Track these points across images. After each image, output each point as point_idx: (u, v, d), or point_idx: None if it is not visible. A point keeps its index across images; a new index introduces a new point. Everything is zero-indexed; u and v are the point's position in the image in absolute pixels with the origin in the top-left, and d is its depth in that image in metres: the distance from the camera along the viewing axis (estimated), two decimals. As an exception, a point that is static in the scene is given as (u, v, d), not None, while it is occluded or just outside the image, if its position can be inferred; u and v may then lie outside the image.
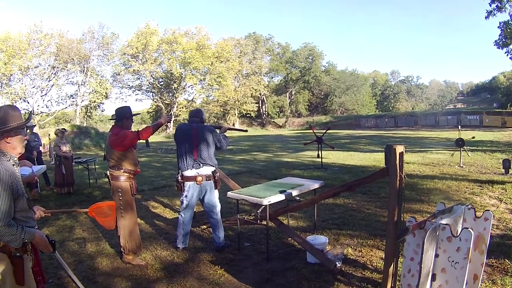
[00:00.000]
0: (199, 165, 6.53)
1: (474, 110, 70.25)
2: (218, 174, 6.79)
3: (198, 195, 6.65)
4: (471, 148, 20.94)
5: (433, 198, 10.14)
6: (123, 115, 6.22)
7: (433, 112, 76.61)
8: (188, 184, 6.55)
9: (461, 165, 15.79)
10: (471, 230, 3.32)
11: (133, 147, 6.25)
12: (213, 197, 6.71)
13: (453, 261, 3.46)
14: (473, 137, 19.75)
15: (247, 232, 7.74)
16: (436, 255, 3.58)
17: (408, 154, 20.59)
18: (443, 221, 3.65)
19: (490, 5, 35.97)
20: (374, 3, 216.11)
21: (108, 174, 6.19)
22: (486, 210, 4.03)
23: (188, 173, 6.53)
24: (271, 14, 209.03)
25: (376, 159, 19.23)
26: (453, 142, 18.33)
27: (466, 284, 3.61)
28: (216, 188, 6.73)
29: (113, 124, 6.32)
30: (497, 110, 68.03)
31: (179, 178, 6.60)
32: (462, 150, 16.68)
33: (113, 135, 6.09)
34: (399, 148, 4.68)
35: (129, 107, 6.59)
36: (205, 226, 8.00)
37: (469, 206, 4.16)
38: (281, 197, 6.32)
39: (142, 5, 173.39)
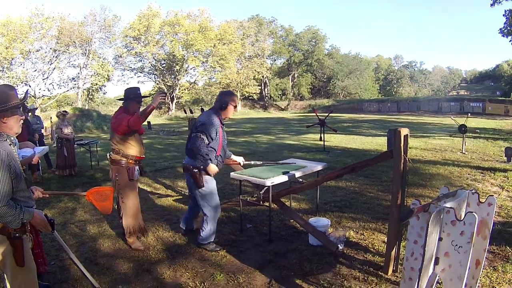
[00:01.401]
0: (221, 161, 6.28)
1: (477, 98, 70.04)
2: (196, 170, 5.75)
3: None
4: (474, 135, 20.94)
5: (435, 183, 10.18)
6: (127, 97, 6.04)
7: (436, 98, 76.38)
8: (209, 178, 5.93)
9: (463, 152, 15.80)
10: (475, 214, 3.32)
11: (136, 132, 6.04)
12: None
13: (456, 245, 3.45)
14: (477, 131, 19.71)
15: (249, 213, 7.79)
16: (440, 239, 3.57)
17: (410, 139, 20.20)
18: (447, 205, 3.62)
19: (495, -7, 35.63)
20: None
21: (108, 157, 6.11)
22: (490, 195, 4.03)
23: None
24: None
25: (379, 143, 19.25)
26: (456, 128, 18.25)
27: (468, 269, 3.60)
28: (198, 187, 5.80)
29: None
30: (500, 98, 67.89)
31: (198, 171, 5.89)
32: (465, 137, 16.66)
33: (113, 117, 5.97)
34: (404, 131, 4.78)
35: (137, 88, 6.32)
36: None
37: (473, 191, 4.13)
38: (284, 178, 6.28)
39: None
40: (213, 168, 5.76)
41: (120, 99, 6.33)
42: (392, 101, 74.39)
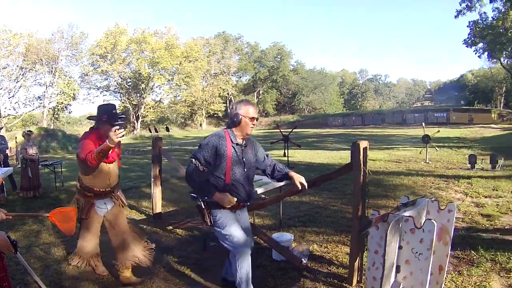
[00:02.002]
0: None
1: (441, 108, 71.35)
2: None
3: None
4: (438, 144, 21.26)
5: (399, 193, 10.28)
6: (99, 116, 5.04)
7: (400, 110, 77.73)
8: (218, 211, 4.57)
9: (427, 161, 16.05)
10: (434, 222, 3.40)
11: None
12: None
13: (416, 252, 3.53)
14: (438, 131, 20.03)
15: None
16: (400, 247, 3.65)
17: (374, 151, 20.85)
18: (406, 214, 3.70)
19: (460, 4, 36.79)
20: (344, 3, 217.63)
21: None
22: (449, 202, 4.17)
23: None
24: (242, 14, 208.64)
25: (343, 156, 19.38)
26: (419, 139, 18.57)
27: (431, 275, 3.75)
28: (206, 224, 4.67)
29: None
30: (464, 107, 69.29)
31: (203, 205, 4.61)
32: (429, 146, 16.92)
33: (80, 139, 5.06)
34: (363, 144, 4.88)
35: (112, 106, 5.32)
36: (171, 227, 7.89)
37: (433, 199, 4.22)
38: None
39: (112, 4, 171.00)
40: (221, 197, 4.30)
41: (90, 118, 5.32)
42: (356, 114, 75.25)
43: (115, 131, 4.30)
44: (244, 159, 4.54)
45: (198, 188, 4.45)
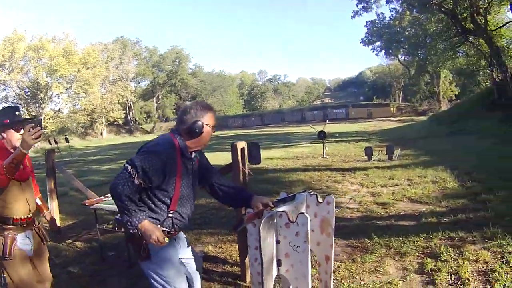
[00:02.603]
0: None
1: (341, 104, 73.64)
2: None
3: None
4: (336, 139, 21.72)
5: (295, 189, 10.22)
6: None
7: (299, 108, 79.90)
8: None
9: (324, 156, 16.28)
10: (306, 215, 3.47)
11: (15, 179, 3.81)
12: None
13: (294, 245, 3.59)
14: (337, 135, 20.51)
15: (111, 241, 7.48)
16: (278, 242, 3.68)
17: (273, 150, 21.09)
18: (280, 209, 3.74)
19: (357, 5, 37.96)
20: (238, 4, 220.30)
21: None
22: (328, 195, 4.22)
23: None
24: (141, 17, 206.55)
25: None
26: (315, 135, 18.87)
27: (319, 266, 4.18)
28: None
29: None
30: (363, 102, 71.84)
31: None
32: (326, 142, 17.17)
33: None
34: (240, 144, 5.14)
35: (15, 107, 4.18)
36: (70, 241, 7.59)
37: (312, 193, 4.24)
38: None
39: (11, 8, 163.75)
40: (149, 229, 3.07)
41: None
42: (256, 115, 76.62)
43: (29, 130, 3.38)
44: (192, 178, 3.54)
45: (123, 207, 3.10)
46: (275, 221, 3.61)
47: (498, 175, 9.84)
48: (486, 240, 5.56)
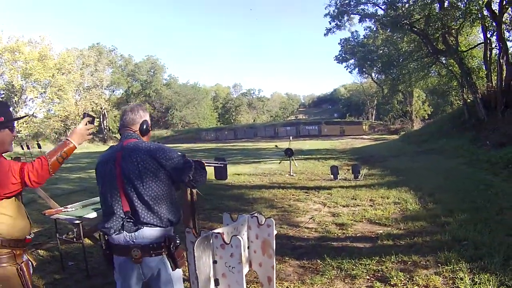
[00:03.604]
0: (134, 224, 3.18)
1: (314, 121, 74.02)
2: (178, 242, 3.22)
3: (138, 280, 3.28)
4: (305, 156, 21.74)
5: (257, 207, 10.26)
6: None
7: (272, 123, 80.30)
8: (117, 260, 3.29)
9: (291, 174, 16.28)
10: (240, 237, 3.61)
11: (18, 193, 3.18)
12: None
13: (229, 266, 3.68)
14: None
15: (72, 251, 7.47)
16: (215, 262, 3.77)
17: (241, 165, 21.04)
18: (217, 230, 3.88)
19: (330, 23, 38.16)
20: (215, 17, 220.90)
21: None
22: (267, 218, 4.38)
23: (117, 238, 3.21)
24: (117, 24, 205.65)
25: (209, 172, 19.23)
26: (282, 152, 18.89)
27: (262, 286, 4.47)
28: (176, 267, 3.22)
29: None
30: (336, 120, 72.30)
31: (104, 245, 3.33)
32: (291, 160, 17.17)
33: None
34: None
35: (4, 103, 3.49)
36: (33, 249, 7.48)
37: (254, 214, 4.49)
38: (94, 214, 6.23)
39: None
40: None
41: None
42: (229, 129, 76.75)
43: (86, 123, 3.28)
44: None
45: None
46: (211, 241, 3.70)
47: (461, 196, 10.01)
48: (440, 264, 5.56)
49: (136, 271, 3.16)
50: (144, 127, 3.45)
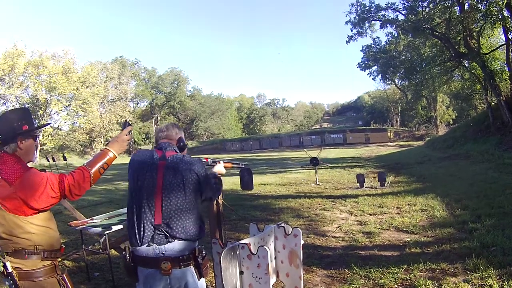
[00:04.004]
0: (165, 237, 3.16)
1: (339, 129, 73.78)
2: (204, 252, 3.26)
3: None
4: (331, 165, 21.67)
5: (283, 217, 10.24)
6: (13, 129, 3.04)
7: (297, 133, 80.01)
8: (143, 271, 3.22)
9: (317, 183, 16.23)
10: (267, 248, 3.55)
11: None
12: None
13: (256, 276, 3.64)
14: (319, 152, 20.51)
15: (98, 262, 7.52)
16: (241, 272, 3.74)
17: (267, 175, 21.02)
18: (243, 241, 3.86)
19: (352, 30, 37.98)
20: (238, 28, 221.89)
21: (11, 270, 2.85)
22: (294, 228, 4.32)
23: (145, 250, 3.18)
24: (140, 38, 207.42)
25: (235, 182, 19.28)
26: (308, 161, 18.86)
27: None
28: (201, 277, 3.27)
29: None
30: (361, 127, 71.95)
31: (128, 257, 3.23)
32: (318, 168, 17.12)
33: (2, 181, 2.90)
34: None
35: (25, 109, 3.43)
36: (59, 259, 7.47)
37: (281, 225, 4.44)
38: (120, 226, 6.22)
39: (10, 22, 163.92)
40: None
41: None
42: (254, 139, 76.75)
43: (127, 134, 3.33)
44: None
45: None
46: (237, 252, 3.71)
47: (488, 201, 9.82)
48: (468, 272, 5.48)
49: (164, 283, 3.14)
50: (181, 144, 3.53)
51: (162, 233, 3.11)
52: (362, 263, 6.15)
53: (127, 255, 3.19)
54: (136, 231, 3.14)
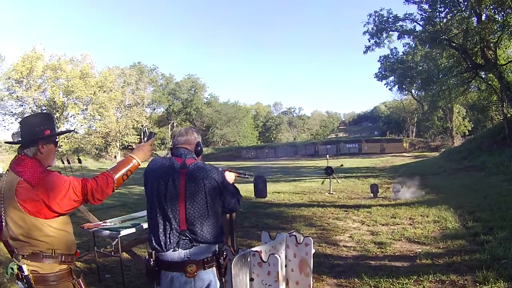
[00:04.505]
0: (190, 242, 3.27)
1: (354, 139, 73.64)
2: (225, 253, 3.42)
3: None
4: (345, 175, 21.66)
5: (296, 225, 10.28)
6: (35, 134, 3.11)
7: (313, 142, 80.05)
8: (167, 275, 3.28)
9: (331, 192, 16.25)
10: (277, 256, 3.59)
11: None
12: None
13: (266, 284, 3.65)
14: (342, 165, 20.51)
15: (109, 264, 7.63)
16: (251, 279, 3.74)
17: (281, 183, 21.04)
18: (254, 248, 3.88)
19: (369, 41, 37.95)
20: (256, 36, 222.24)
21: (27, 273, 2.88)
22: (306, 236, 4.33)
23: (170, 255, 3.26)
24: (158, 44, 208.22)
25: (249, 189, 19.34)
26: (323, 170, 18.88)
27: None
28: (221, 276, 3.49)
29: (17, 153, 3.15)
30: (376, 137, 71.77)
31: (152, 262, 3.28)
32: (332, 178, 17.14)
33: (24, 183, 2.93)
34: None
35: (47, 114, 3.77)
36: None
37: (293, 233, 4.48)
38: (132, 230, 6.26)
39: (29, 27, 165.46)
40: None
41: (9, 143, 3.45)
42: (269, 147, 76.77)
43: (151, 144, 3.46)
44: None
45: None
46: (248, 259, 3.71)
47: (502, 214, 9.76)
48: (478, 284, 5.49)
49: (188, 285, 3.23)
50: (199, 148, 3.62)
51: (187, 238, 3.24)
52: (372, 273, 6.17)
53: (152, 260, 3.26)
54: (161, 237, 3.23)
